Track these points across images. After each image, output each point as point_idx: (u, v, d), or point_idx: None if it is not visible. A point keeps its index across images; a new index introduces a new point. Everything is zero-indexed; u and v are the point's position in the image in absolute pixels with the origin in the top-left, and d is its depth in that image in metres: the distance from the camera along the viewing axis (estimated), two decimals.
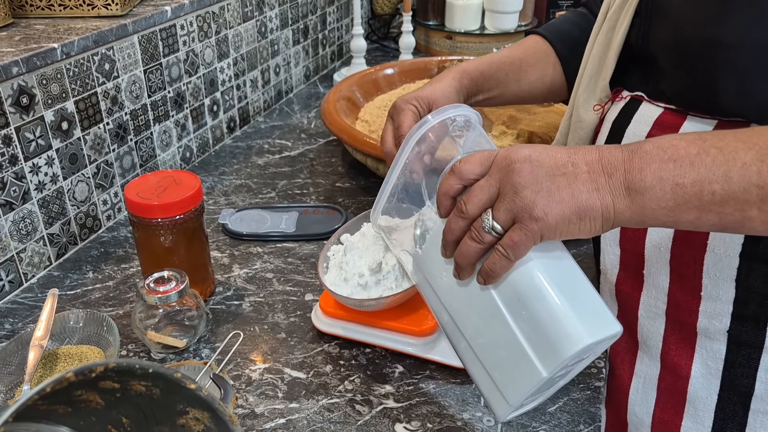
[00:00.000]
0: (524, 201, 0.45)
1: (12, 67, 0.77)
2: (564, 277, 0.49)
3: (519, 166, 0.46)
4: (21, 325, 0.79)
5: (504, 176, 0.46)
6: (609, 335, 0.47)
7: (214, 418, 0.38)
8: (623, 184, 0.44)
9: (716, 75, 0.53)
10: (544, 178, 0.45)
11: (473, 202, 0.48)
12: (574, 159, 0.46)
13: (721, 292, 0.57)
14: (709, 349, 0.59)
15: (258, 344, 0.76)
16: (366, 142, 1.00)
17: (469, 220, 0.48)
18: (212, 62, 1.19)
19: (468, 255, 0.49)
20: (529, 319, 0.48)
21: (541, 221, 0.44)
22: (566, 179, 0.45)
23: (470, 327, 0.52)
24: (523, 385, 0.49)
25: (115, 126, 0.97)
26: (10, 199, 0.81)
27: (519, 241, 0.46)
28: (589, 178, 0.45)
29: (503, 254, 0.46)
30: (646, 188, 0.44)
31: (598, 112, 0.67)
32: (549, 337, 0.47)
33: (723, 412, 0.59)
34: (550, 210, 0.44)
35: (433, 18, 1.80)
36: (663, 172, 0.43)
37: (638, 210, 0.44)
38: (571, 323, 0.46)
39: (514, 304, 0.49)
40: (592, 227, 0.45)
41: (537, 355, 0.47)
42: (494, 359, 0.51)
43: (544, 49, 0.81)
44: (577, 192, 0.44)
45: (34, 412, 0.34)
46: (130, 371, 0.33)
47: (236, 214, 1.00)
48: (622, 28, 0.62)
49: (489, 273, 0.48)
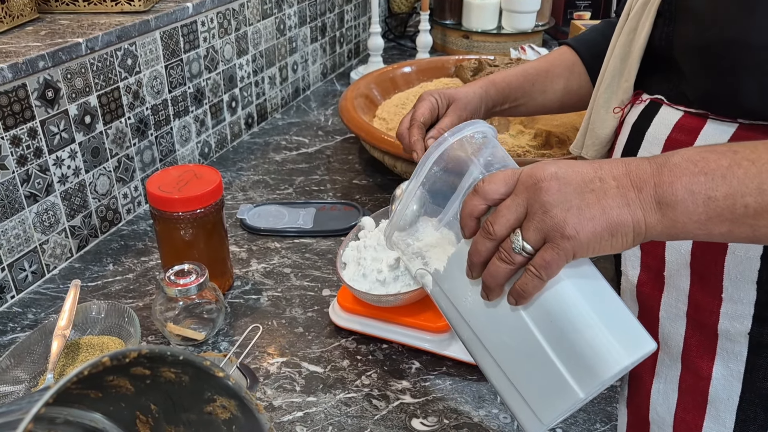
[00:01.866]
0: (555, 220, 0.44)
1: (38, 61, 0.78)
2: (596, 296, 0.48)
3: (546, 184, 0.45)
4: (43, 315, 0.80)
5: (531, 195, 0.45)
6: (645, 353, 0.47)
7: (240, 407, 0.38)
8: (654, 198, 0.44)
9: (739, 76, 0.53)
10: (572, 196, 0.44)
11: (501, 223, 0.47)
12: (600, 174, 0.45)
13: (742, 294, 0.57)
14: (731, 350, 0.58)
15: (276, 338, 0.76)
16: (383, 139, 1.01)
17: (497, 241, 0.47)
18: (231, 59, 1.20)
19: (497, 276, 0.48)
20: (563, 340, 0.47)
21: (573, 239, 0.44)
22: (595, 195, 0.44)
23: (498, 346, 0.51)
24: (559, 405, 0.48)
25: (136, 120, 0.98)
26: (35, 191, 0.83)
27: (551, 260, 0.45)
28: (618, 193, 0.44)
29: (535, 274, 0.46)
30: (678, 202, 0.43)
31: (618, 115, 0.67)
32: (585, 359, 0.46)
33: (744, 413, 0.59)
34: (581, 228, 0.43)
35: (450, 17, 1.80)
36: (694, 185, 0.43)
37: (669, 224, 0.44)
38: (609, 344, 0.45)
39: (546, 324, 0.48)
40: (624, 242, 0.44)
41: (573, 376, 0.46)
42: (525, 379, 0.50)
43: (570, 58, 0.82)
44: (607, 208, 0.44)
45: (67, 396, 0.34)
46: (162, 358, 0.34)
47: (254, 209, 1.00)
48: (644, 29, 0.62)
49: (521, 294, 0.47)
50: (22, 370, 0.68)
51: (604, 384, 0.46)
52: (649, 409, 0.65)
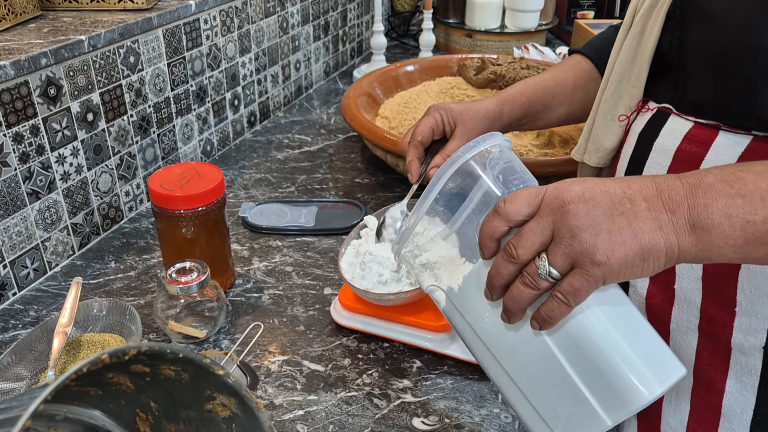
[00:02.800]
0: (584, 245, 0.42)
1: (41, 59, 0.78)
2: (625, 322, 0.46)
3: (574, 207, 0.43)
4: (45, 312, 0.80)
5: (558, 218, 0.43)
6: (676, 380, 0.45)
7: (240, 405, 0.38)
8: (688, 222, 0.42)
9: (757, 84, 0.51)
10: (602, 219, 0.42)
11: (525, 247, 0.44)
12: (630, 194, 0.43)
13: (756, 308, 0.55)
14: (744, 364, 0.57)
15: (277, 336, 0.76)
16: (386, 138, 1.01)
17: (520, 265, 0.45)
18: (234, 57, 1.20)
19: (520, 301, 0.46)
20: (591, 368, 0.45)
21: (604, 266, 0.42)
22: (626, 219, 0.42)
23: (519, 370, 0.50)
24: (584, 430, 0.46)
25: (138, 118, 0.98)
26: (37, 189, 0.83)
27: (580, 287, 0.43)
28: (650, 215, 0.42)
29: (563, 301, 0.44)
30: (714, 226, 0.41)
31: (623, 123, 0.65)
32: (615, 389, 0.44)
33: (759, 427, 0.58)
34: (612, 254, 0.41)
35: (453, 16, 1.80)
36: (732, 209, 0.41)
37: (704, 248, 0.42)
38: (640, 374, 0.44)
39: (572, 351, 0.46)
40: (656, 267, 0.43)
41: (602, 405, 0.45)
42: (549, 405, 0.48)
43: (586, 68, 0.80)
44: (639, 232, 0.42)
45: (67, 394, 0.34)
46: (162, 355, 0.34)
47: (256, 207, 1.00)
48: (654, 33, 0.60)
49: (546, 320, 0.45)
50: (24, 367, 0.68)
51: (633, 413, 0.45)
52: (660, 420, 0.64)
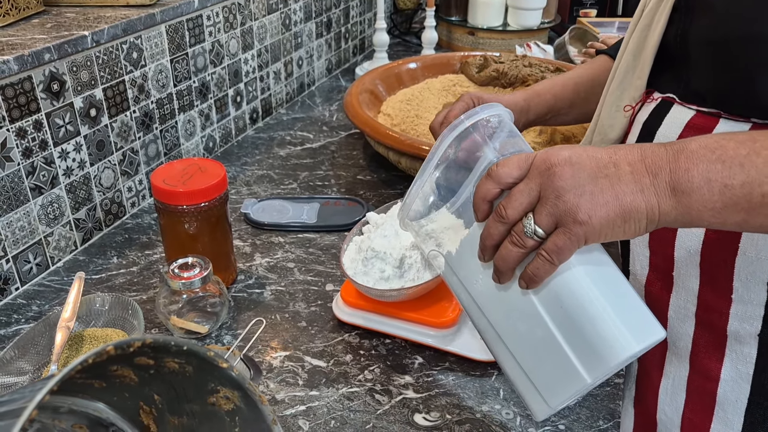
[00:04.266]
0: (567, 205, 0.44)
1: (44, 54, 0.78)
2: (607, 282, 0.48)
3: (560, 169, 0.45)
4: (48, 307, 0.80)
5: (545, 180, 0.45)
6: (654, 341, 0.47)
7: (244, 398, 0.38)
8: (669, 185, 0.43)
9: (757, 73, 0.52)
10: (586, 181, 0.44)
11: (513, 207, 0.47)
12: (615, 159, 0.45)
13: (752, 295, 0.56)
14: (740, 352, 0.58)
15: (279, 332, 0.76)
16: (388, 135, 1.01)
17: (509, 224, 0.48)
18: (237, 53, 1.20)
19: (509, 260, 0.48)
20: (573, 326, 0.47)
21: (585, 225, 0.44)
22: (609, 181, 0.44)
23: (508, 330, 0.52)
24: (566, 390, 0.48)
25: (141, 114, 0.99)
26: (40, 184, 0.83)
27: (563, 245, 0.45)
28: (632, 178, 0.44)
29: (547, 259, 0.46)
30: (693, 189, 0.43)
31: (628, 113, 0.66)
32: (594, 345, 0.46)
33: (752, 416, 0.58)
34: (594, 213, 0.43)
35: (455, 13, 1.80)
36: (711, 173, 0.42)
37: (684, 211, 0.43)
38: (618, 331, 0.46)
39: (556, 309, 0.48)
40: (637, 228, 0.44)
41: (581, 361, 0.47)
42: (534, 363, 0.50)
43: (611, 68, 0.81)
44: (621, 193, 0.44)
45: (71, 386, 0.35)
46: (166, 348, 0.34)
47: (258, 203, 1.00)
48: (659, 25, 0.61)
49: (532, 278, 0.47)
50: (26, 362, 0.68)
51: (611, 370, 0.47)
52: (657, 408, 0.65)
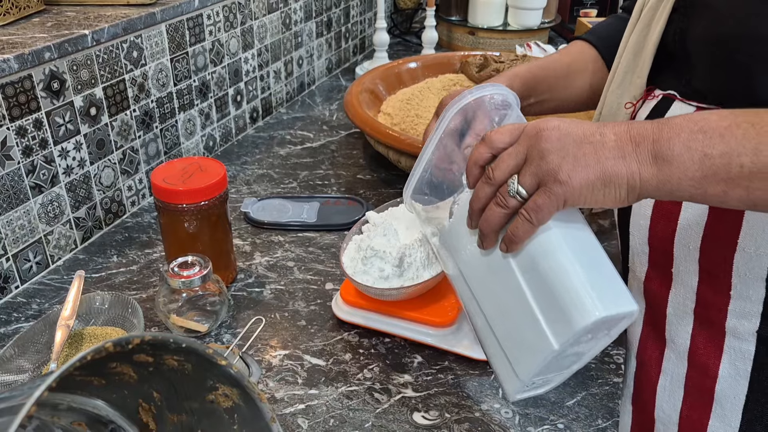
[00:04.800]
0: (549, 165, 0.45)
1: (44, 53, 0.79)
2: (583, 248, 0.49)
3: (547, 133, 0.46)
4: (48, 305, 0.80)
5: (532, 143, 0.47)
6: (624, 312, 0.46)
7: (242, 395, 0.38)
8: (650, 153, 0.44)
9: (756, 70, 0.52)
10: (570, 145, 0.45)
11: (500, 168, 0.48)
12: (602, 130, 0.46)
13: (751, 291, 0.56)
14: (738, 349, 0.58)
15: (278, 331, 0.76)
16: (388, 134, 1.01)
17: (496, 186, 0.49)
18: (237, 52, 1.20)
19: (492, 221, 0.49)
20: (544, 289, 0.47)
21: (565, 185, 0.45)
22: (593, 147, 0.45)
23: (488, 299, 0.52)
24: (534, 358, 0.48)
25: (141, 113, 0.99)
26: (40, 182, 0.83)
27: (542, 204, 0.46)
28: (615, 146, 0.45)
29: (526, 218, 0.47)
30: (674, 157, 0.43)
31: (629, 110, 0.66)
32: (562, 308, 0.46)
33: (750, 413, 0.59)
34: (575, 174, 0.45)
35: (455, 13, 1.80)
36: (691, 142, 0.43)
37: (664, 179, 0.44)
38: (586, 294, 0.46)
39: (531, 273, 0.48)
40: (617, 195, 0.45)
41: (549, 326, 0.47)
42: (508, 331, 0.50)
43: (591, 54, 0.80)
44: (602, 158, 0.45)
45: (71, 383, 0.35)
46: (165, 345, 0.34)
47: (258, 202, 1.00)
48: (659, 25, 0.62)
49: (512, 238, 0.48)
50: (26, 360, 0.68)
51: (578, 337, 0.46)
52: (655, 406, 0.65)
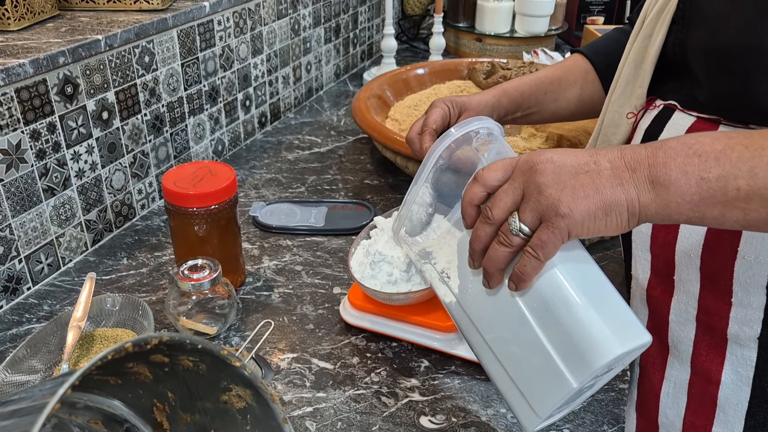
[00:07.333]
0: (549, 200, 0.45)
1: (59, 57, 0.80)
2: (592, 285, 0.48)
3: (542, 166, 0.46)
4: (59, 307, 0.81)
5: (527, 178, 0.46)
6: (639, 345, 0.47)
7: (255, 396, 0.39)
8: (647, 179, 0.44)
9: (753, 80, 0.53)
10: (567, 176, 0.45)
11: (499, 207, 0.48)
12: (596, 158, 0.46)
13: (752, 298, 0.57)
14: (740, 355, 0.59)
15: (286, 334, 0.77)
16: (396, 140, 1.01)
17: (496, 225, 0.48)
18: (246, 58, 1.21)
19: (497, 260, 0.48)
20: (558, 328, 0.47)
21: (567, 218, 0.45)
22: (589, 176, 0.45)
23: (497, 337, 0.51)
24: (553, 396, 0.48)
25: (152, 117, 1.00)
26: (52, 185, 0.84)
27: (547, 239, 0.46)
28: (612, 174, 0.45)
29: (533, 255, 0.46)
30: (671, 182, 0.44)
31: (631, 120, 0.67)
32: (579, 348, 0.46)
33: (753, 419, 0.59)
34: (575, 206, 0.44)
35: (463, 20, 1.81)
36: (688, 166, 0.44)
37: (663, 204, 0.44)
38: (602, 333, 0.46)
39: (541, 313, 0.48)
40: (619, 222, 0.45)
41: (566, 365, 0.47)
42: (522, 370, 0.50)
43: (583, 67, 0.82)
44: (601, 187, 0.45)
45: (88, 382, 0.35)
46: (181, 346, 0.34)
47: (266, 207, 1.01)
48: (659, 36, 0.63)
49: (520, 277, 0.48)
50: (38, 360, 0.69)
51: (596, 374, 0.46)
52: (658, 412, 0.65)
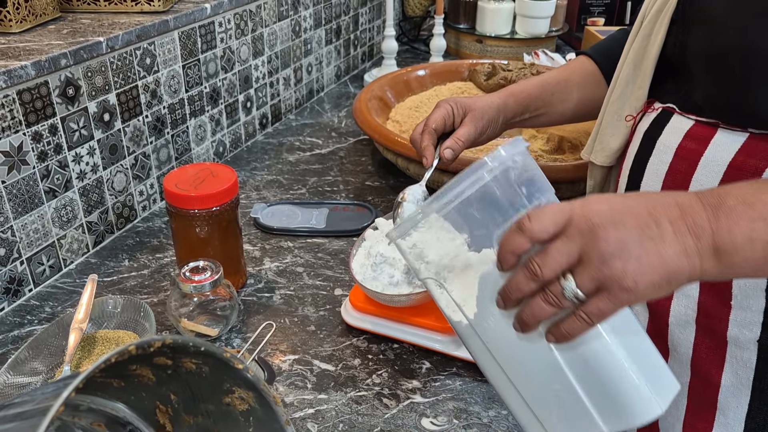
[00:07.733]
0: (614, 271, 0.42)
1: (60, 59, 0.80)
2: (634, 343, 0.47)
3: (604, 233, 0.43)
4: (60, 308, 0.81)
5: (588, 242, 0.43)
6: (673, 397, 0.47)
7: (258, 399, 0.39)
8: (711, 246, 0.43)
9: (753, 83, 0.53)
10: (632, 244, 0.42)
11: (550, 266, 0.44)
12: (655, 216, 0.43)
13: (751, 301, 0.57)
14: (740, 358, 0.59)
15: (288, 336, 0.77)
16: (397, 141, 1.02)
17: (543, 283, 0.45)
18: (247, 59, 1.21)
19: (540, 316, 0.46)
20: (598, 386, 0.46)
21: (632, 291, 0.42)
22: (653, 243, 0.43)
23: (519, 374, 0.50)
24: None
25: (153, 119, 1.00)
26: (54, 187, 0.84)
27: (606, 310, 0.43)
28: (675, 239, 0.43)
29: (585, 320, 0.44)
30: (737, 249, 0.43)
31: (630, 123, 0.67)
32: (618, 404, 0.46)
33: (753, 421, 0.59)
34: (641, 279, 0.42)
35: (464, 21, 1.81)
36: (754, 232, 0.42)
37: (725, 269, 0.43)
38: (643, 395, 0.45)
39: (581, 368, 0.47)
40: (676, 287, 0.44)
41: (602, 417, 0.46)
42: (547, 409, 0.49)
43: (590, 69, 0.82)
44: (665, 256, 0.42)
45: (91, 384, 0.35)
46: (185, 348, 0.35)
47: (268, 208, 1.01)
48: (659, 37, 0.62)
49: (566, 336, 0.45)
50: (40, 362, 0.69)
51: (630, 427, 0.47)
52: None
